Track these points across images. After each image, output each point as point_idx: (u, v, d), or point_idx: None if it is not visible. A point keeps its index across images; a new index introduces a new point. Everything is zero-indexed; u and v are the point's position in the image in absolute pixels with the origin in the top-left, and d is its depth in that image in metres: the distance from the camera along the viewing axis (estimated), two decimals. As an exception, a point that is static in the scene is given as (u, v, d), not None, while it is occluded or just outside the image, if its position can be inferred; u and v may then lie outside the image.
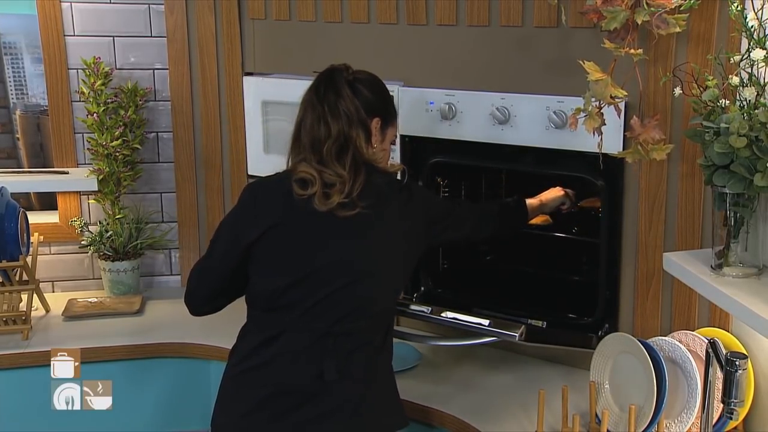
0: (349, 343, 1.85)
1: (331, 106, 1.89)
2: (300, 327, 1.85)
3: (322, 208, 1.83)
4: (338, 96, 1.90)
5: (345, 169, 1.85)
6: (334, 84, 1.92)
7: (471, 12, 2.33)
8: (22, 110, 3.56)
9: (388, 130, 2.01)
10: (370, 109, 1.93)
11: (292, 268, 1.86)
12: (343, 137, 1.87)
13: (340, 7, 2.57)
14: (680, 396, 1.96)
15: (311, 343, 1.84)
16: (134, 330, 2.71)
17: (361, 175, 1.86)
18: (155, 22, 2.94)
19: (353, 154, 1.87)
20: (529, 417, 2.11)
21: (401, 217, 1.92)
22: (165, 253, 3.10)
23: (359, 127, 1.90)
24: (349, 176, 1.85)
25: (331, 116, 1.88)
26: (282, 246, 1.87)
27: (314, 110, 1.90)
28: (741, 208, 1.73)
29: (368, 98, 1.94)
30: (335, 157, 1.86)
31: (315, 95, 1.92)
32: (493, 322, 2.19)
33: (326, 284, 1.84)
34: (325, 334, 1.84)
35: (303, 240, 1.87)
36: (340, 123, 1.88)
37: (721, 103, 1.73)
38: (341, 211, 1.83)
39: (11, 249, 2.65)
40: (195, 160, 2.99)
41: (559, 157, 2.25)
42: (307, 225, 1.86)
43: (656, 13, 1.84)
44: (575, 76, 1.96)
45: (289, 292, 1.85)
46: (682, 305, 2.14)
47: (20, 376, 2.53)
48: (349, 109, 1.89)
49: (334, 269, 1.84)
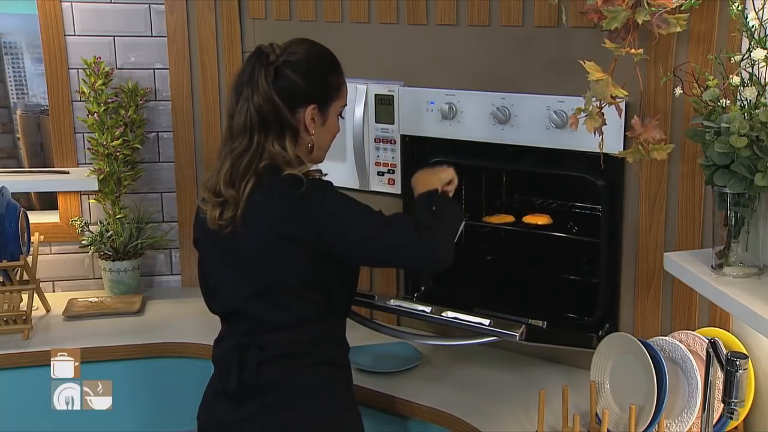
0: (260, 354, 1.81)
1: (242, 105, 1.75)
2: (229, 333, 1.90)
3: (211, 226, 1.81)
4: (253, 90, 1.74)
5: (234, 187, 1.76)
6: (253, 74, 1.75)
7: (471, 12, 2.33)
8: (23, 110, 3.56)
9: (330, 108, 1.85)
10: (301, 98, 1.78)
11: (207, 282, 1.93)
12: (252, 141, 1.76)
13: (340, 7, 2.57)
14: (681, 396, 1.96)
15: (229, 351, 1.86)
16: (135, 330, 2.71)
17: (249, 186, 1.75)
18: (156, 22, 2.94)
19: (256, 160, 1.76)
20: (530, 417, 2.11)
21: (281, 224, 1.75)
22: (165, 253, 3.10)
23: (278, 126, 1.76)
24: (237, 193, 1.75)
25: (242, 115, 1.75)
26: (201, 260, 1.95)
27: (228, 103, 1.80)
28: (741, 208, 1.73)
29: (297, 86, 1.77)
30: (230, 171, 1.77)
31: (233, 86, 1.78)
32: (494, 321, 2.19)
33: (227, 298, 1.86)
34: (238, 343, 1.84)
35: (206, 256, 1.92)
36: (251, 124, 1.75)
37: (721, 102, 1.73)
38: (224, 229, 1.79)
39: (12, 249, 2.65)
40: (195, 159, 2.99)
41: (559, 157, 2.25)
42: (210, 242, 1.88)
43: (657, 12, 1.84)
44: (576, 76, 1.95)
45: (211, 303, 1.94)
46: (682, 305, 2.14)
47: (20, 376, 2.53)
48: (263, 107, 1.74)
49: (228, 285, 1.86)
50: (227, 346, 1.88)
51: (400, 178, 2.53)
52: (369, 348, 2.45)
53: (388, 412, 2.27)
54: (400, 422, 2.27)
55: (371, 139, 2.55)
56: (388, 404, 2.27)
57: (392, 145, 2.52)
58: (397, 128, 2.50)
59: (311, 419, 1.82)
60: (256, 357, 1.81)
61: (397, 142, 2.51)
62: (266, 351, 1.81)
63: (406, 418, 2.26)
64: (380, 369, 2.38)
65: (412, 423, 2.26)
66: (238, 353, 1.83)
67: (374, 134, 2.54)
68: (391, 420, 2.27)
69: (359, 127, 2.52)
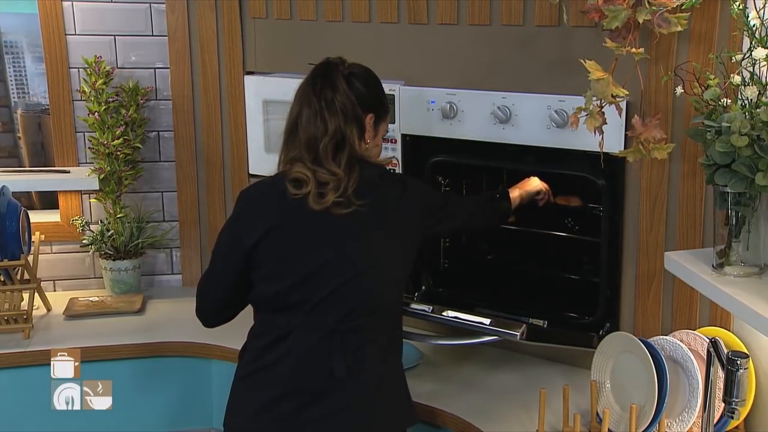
0: (356, 340, 1.84)
1: (328, 102, 1.88)
2: (307, 326, 1.85)
3: (316, 207, 1.83)
4: (335, 91, 1.89)
5: (340, 167, 1.85)
6: (331, 78, 1.91)
7: (472, 11, 2.33)
8: (24, 109, 3.57)
9: (380, 126, 2.00)
10: (364, 105, 1.93)
11: (293, 269, 1.85)
12: (339, 134, 1.87)
13: (341, 7, 2.57)
14: (681, 395, 1.96)
15: (319, 342, 1.84)
16: (135, 329, 2.71)
17: (355, 171, 1.87)
18: (156, 21, 2.94)
19: (349, 150, 1.88)
20: (530, 416, 2.11)
21: (396, 209, 1.92)
22: (166, 252, 3.10)
23: (354, 123, 1.90)
24: (344, 174, 1.85)
25: (328, 112, 1.87)
26: (281, 247, 1.87)
27: (310, 105, 1.89)
28: (742, 208, 1.73)
29: (363, 93, 1.93)
30: (331, 155, 1.86)
31: (311, 89, 1.90)
32: (494, 321, 2.19)
33: (328, 282, 1.83)
34: (332, 331, 1.83)
35: (301, 240, 1.87)
36: (337, 119, 1.87)
37: (722, 102, 1.73)
38: (336, 209, 1.83)
39: (12, 248, 2.65)
40: (196, 159, 2.99)
41: (560, 156, 2.25)
42: (304, 225, 1.86)
43: (658, 12, 1.84)
44: (576, 75, 1.95)
45: (292, 292, 1.85)
46: (683, 304, 2.14)
47: (21, 375, 2.53)
48: (345, 105, 1.89)
49: (334, 267, 1.84)
50: (308, 339, 1.84)
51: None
52: (370, 347, 2.46)
53: (388, 411, 2.27)
54: (401, 421, 2.27)
55: (372, 139, 2.55)
56: (388, 403, 2.27)
57: (393, 144, 2.51)
58: (397, 127, 2.50)
59: (399, 402, 1.95)
60: (353, 344, 1.84)
61: (398, 141, 2.51)
62: (360, 337, 1.84)
63: (406, 418, 2.26)
64: (381, 368, 2.38)
65: (413, 422, 2.26)
66: (340, 340, 1.83)
67: (375, 133, 2.54)
68: (391, 419, 2.27)
69: (360, 126, 2.52)
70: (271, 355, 1.87)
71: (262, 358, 1.88)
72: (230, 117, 2.90)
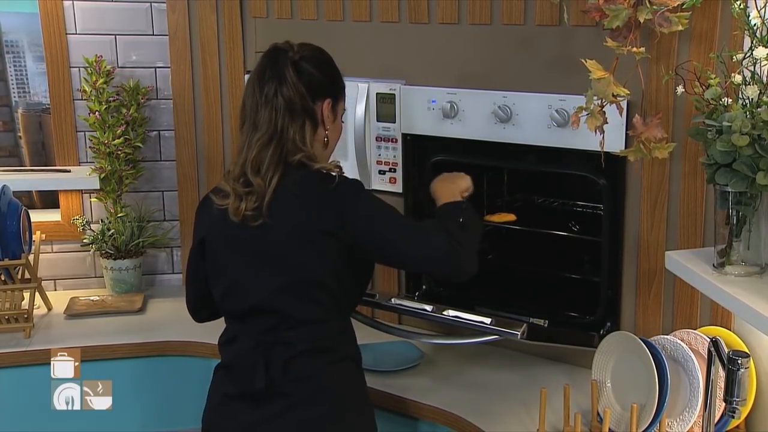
0: (285, 351, 1.81)
1: (269, 98, 1.79)
2: (245, 333, 1.87)
3: (235, 219, 1.80)
4: (281, 82, 1.80)
5: (260, 174, 1.78)
6: (278, 68, 1.81)
7: (473, 11, 2.33)
8: (24, 108, 3.56)
9: (338, 106, 1.91)
10: (318, 91, 1.84)
11: (219, 280, 1.89)
12: (276, 133, 1.79)
13: (341, 6, 2.57)
14: (682, 395, 1.96)
15: (251, 350, 1.84)
16: (136, 328, 2.71)
17: (276, 179, 1.78)
18: (157, 21, 2.94)
19: (282, 153, 1.79)
20: (531, 416, 2.11)
21: (311, 220, 1.79)
22: (167, 252, 3.10)
23: (302, 118, 1.81)
24: (264, 182, 1.78)
25: (265, 108, 1.79)
26: (211, 258, 1.90)
27: (252, 97, 1.82)
28: (743, 207, 1.73)
29: (316, 78, 1.84)
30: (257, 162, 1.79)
31: (257, 80, 1.82)
32: (495, 320, 2.19)
33: (246, 296, 1.84)
34: (260, 342, 1.83)
35: (222, 253, 1.87)
36: (275, 116, 1.79)
37: (723, 101, 1.72)
38: (252, 221, 1.79)
39: (13, 247, 2.65)
40: (197, 158, 2.99)
41: (561, 156, 2.25)
42: (224, 237, 1.86)
43: (658, 11, 1.84)
44: (577, 75, 1.95)
45: (225, 301, 1.90)
46: (684, 304, 2.14)
47: (22, 375, 2.53)
48: (292, 99, 1.80)
49: (251, 281, 1.83)
50: (245, 346, 1.85)
51: (401, 177, 2.54)
52: (370, 347, 2.45)
53: (389, 410, 2.27)
54: (401, 421, 2.27)
55: (372, 138, 2.55)
56: (389, 403, 2.27)
57: (393, 143, 2.52)
58: (398, 127, 2.50)
59: (339, 413, 1.84)
60: (282, 354, 1.81)
61: (399, 140, 2.51)
62: (292, 347, 1.81)
63: (407, 417, 2.26)
64: (381, 368, 2.38)
65: (413, 422, 2.26)
66: (263, 351, 1.81)
67: (375, 133, 2.54)
68: (391, 419, 2.27)
69: (360, 125, 2.52)
70: (227, 355, 1.92)
71: (222, 357, 1.94)
72: (231, 117, 2.90)
